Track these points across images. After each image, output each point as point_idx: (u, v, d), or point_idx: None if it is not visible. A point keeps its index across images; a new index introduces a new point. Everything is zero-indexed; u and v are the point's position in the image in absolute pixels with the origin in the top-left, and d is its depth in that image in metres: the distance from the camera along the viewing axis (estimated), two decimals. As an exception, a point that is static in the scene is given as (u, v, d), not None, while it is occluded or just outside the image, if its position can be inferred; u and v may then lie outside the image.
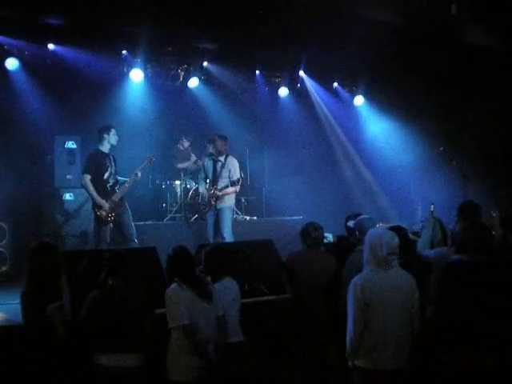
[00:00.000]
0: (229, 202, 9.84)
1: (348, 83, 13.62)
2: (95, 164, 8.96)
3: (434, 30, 10.47)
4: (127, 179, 9.25)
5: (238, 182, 9.72)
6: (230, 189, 9.76)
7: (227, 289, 5.56)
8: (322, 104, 13.72)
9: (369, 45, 10.44)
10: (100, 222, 8.92)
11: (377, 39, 10.15)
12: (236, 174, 9.82)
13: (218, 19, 9.84)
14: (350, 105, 13.82)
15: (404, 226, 6.30)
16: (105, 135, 9.02)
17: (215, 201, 9.70)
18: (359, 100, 13.70)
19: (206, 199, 9.82)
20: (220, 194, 9.69)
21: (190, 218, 10.91)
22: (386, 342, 4.62)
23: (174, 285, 5.16)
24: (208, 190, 9.82)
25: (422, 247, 6.25)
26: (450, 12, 8.73)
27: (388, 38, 10.28)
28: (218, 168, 9.84)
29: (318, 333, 6.04)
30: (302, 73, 13.13)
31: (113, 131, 9.07)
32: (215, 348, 5.15)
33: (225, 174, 9.80)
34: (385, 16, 9.93)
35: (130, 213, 9.20)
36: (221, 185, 9.76)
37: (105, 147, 9.07)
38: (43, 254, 5.31)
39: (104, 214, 8.87)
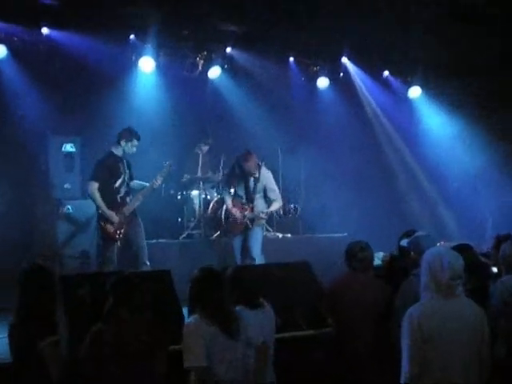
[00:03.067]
0: (261, 219, 9.87)
1: (401, 72, 13.58)
2: (107, 170, 9.05)
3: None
4: (146, 184, 9.29)
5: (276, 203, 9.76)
6: (273, 208, 9.80)
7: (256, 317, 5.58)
8: (370, 97, 13.71)
9: (429, 25, 10.38)
10: (107, 239, 9.00)
11: (439, 18, 10.10)
12: (272, 190, 9.81)
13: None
14: (404, 97, 13.78)
15: (471, 244, 6.25)
16: (122, 142, 9.12)
17: (252, 223, 9.70)
18: (415, 91, 13.66)
19: (238, 221, 9.78)
20: (263, 216, 9.70)
21: (211, 236, 10.94)
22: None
23: (193, 317, 5.18)
24: (240, 209, 9.79)
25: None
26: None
27: (452, 18, 10.23)
28: (251, 184, 9.83)
29: (367, 375, 6.00)
30: (345, 59, 13.14)
31: (134, 142, 9.20)
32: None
33: (258, 189, 9.80)
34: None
35: (142, 229, 9.27)
36: (257, 203, 9.75)
37: (119, 151, 9.16)
38: (36, 278, 5.34)
39: (112, 229, 8.95)
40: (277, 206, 9.85)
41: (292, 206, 9.50)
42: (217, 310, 5.15)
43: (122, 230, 9.00)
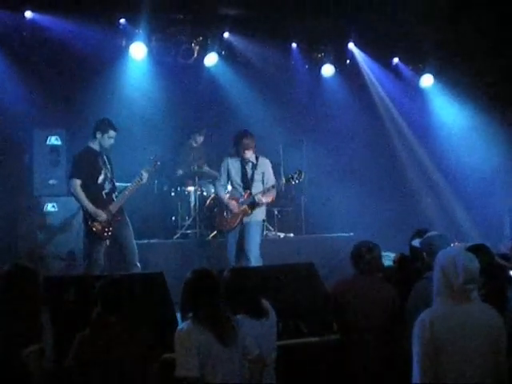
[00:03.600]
0: (259, 215, 9.76)
1: (413, 58, 13.57)
2: (86, 165, 9.03)
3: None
4: (128, 185, 9.30)
5: (273, 188, 9.68)
6: (270, 196, 9.72)
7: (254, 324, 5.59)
8: (379, 86, 13.71)
9: (443, 8, 10.36)
10: (93, 238, 8.99)
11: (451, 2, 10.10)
12: (271, 178, 9.76)
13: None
14: (416, 87, 13.78)
15: (487, 245, 6.25)
16: (97, 134, 9.07)
17: (251, 208, 9.65)
18: (427, 80, 13.66)
19: (236, 210, 9.66)
20: (263, 198, 9.59)
21: (208, 235, 10.94)
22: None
23: (186, 323, 5.18)
24: (235, 199, 9.71)
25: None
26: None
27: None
28: (249, 170, 9.79)
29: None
30: (351, 45, 13.14)
31: (110, 133, 9.06)
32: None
33: (257, 177, 9.76)
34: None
35: (131, 228, 9.25)
36: (254, 191, 9.66)
37: (95, 145, 9.13)
38: (19, 280, 5.34)
39: (99, 227, 8.93)
40: (273, 193, 9.73)
41: (294, 171, 9.42)
42: (211, 315, 5.14)
43: (111, 229, 8.98)
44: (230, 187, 9.85)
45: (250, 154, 9.67)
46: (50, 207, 10.42)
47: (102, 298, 5.29)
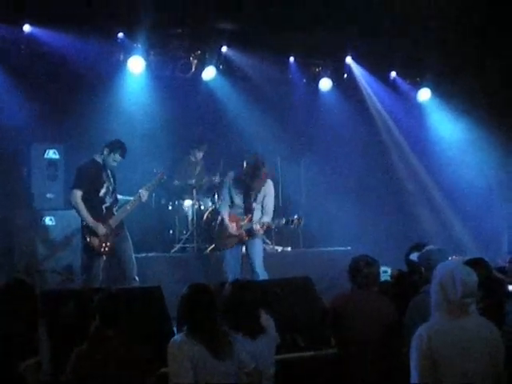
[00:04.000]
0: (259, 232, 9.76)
1: (410, 72, 13.60)
2: (89, 177, 9.01)
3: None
4: (130, 199, 9.29)
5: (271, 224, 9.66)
6: (265, 219, 9.56)
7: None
8: (376, 100, 13.73)
9: (439, 21, 10.38)
10: (91, 252, 8.97)
11: (450, 13, 10.08)
12: (270, 201, 9.62)
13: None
14: (413, 101, 13.79)
15: (485, 259, 6.25)
16: (105, 150, 9.04)
17: (248, 236, 9.58)
18: (425, 94, 13.68)
19: (235, 232, 9.53)
20: (261, 229, 9.47)
21: (206, 249, 10.93)
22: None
23: (179, 335, 5.21)
24: (237, 222, 9.60)
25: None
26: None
27: (466, 12, 10.20)
28: (253, 192, 9.58)
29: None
30: (349, 59, 13.17)
31: (116, 157, 9.05)
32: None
33: (259, 199, 9.62)
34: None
35: (130, 243, 9.24)
36: (256, 214, 9.56)
37: (100, 159, 9.11)
38: (15, 294, 5.33)
39: (97, 241, 8.92)
40: (268, 218, 9.66)
41: (296, 216, 9.40)
42: (206, 329, 5.17)
43: (108, 244, 8.97)
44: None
45: (259, 188, 9.56)
46: (47, 221, 10.40)
47: (99, 311, 5.29)
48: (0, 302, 5.31)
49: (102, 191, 9.04)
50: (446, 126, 13.80)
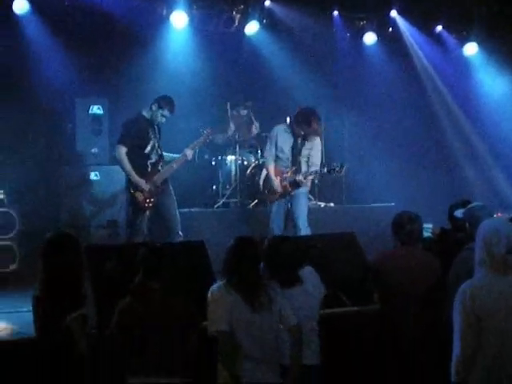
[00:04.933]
0: (306, 185, 9.79)
1: (457, 26, 13.40)
2: (135, 133, 9.01)
3: None
4: (175, 156, 9.30)
5: (316, 174, 9.69)
6: (310, 178, 9.71)
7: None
8: (422, 54, 13.58)
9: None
10: (136, 207, 9.02)
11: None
12: (316, 157, 9.69)
13: None
14: (459, 55, 13.60)
15: (531, 216, 6.21)
16: (153, 106, 9.02)
17: (292, 187, 9.62)
18: (471, 48, 13.48)
19: (280, 185, 9.61)
20: (304, 180, 9.53)
21: (249, 204, 10.97)
22: (505, 368, 4.56)
23: (217, 284, 5.34)
24: (281, 176, 9.70)
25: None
26: None
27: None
28: (299, 145, 9.66)
29: (416, 355, 6.00)
30: (394, 13, 13.01)
31: (165, 112, 9.02)
32: (281, 372, 5.21)
33: (304, 153, 9.65)
34: None
35: (174, 199, 9.28)
36: (302, 167, 9.61)
37: (148, 114, 9.11)
38: (61, 248, 5.39)
39: (142, 197, 8.94)
40: (314, 169, 9.69)
41: (338, 164, 9.38)
42: (243, 279, 5.25)
43: (153, 200, 9.00)
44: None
45: (311, 134, 9.61)
46: (92, 176, 10.50)
47: (143, 265, 5.34)
48: (46, 257, 5.36)
49: (148, 148, 9.04)
50: (492, 81, 13.60)
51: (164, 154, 9.34)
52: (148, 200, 8.99)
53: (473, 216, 5.93)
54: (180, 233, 9.14)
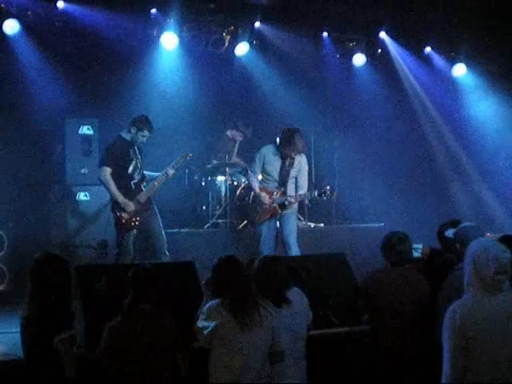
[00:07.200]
0: (294, 205, 9.82)
1: (445, 47, 13.46)
2: (117, 155, 9.09)
3: None
4: (157, 175, 9.34)
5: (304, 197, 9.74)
6: (301, 192, 9.71)
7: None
8: (410, 75, 13.61)
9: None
10: (122, 228, 9.05)
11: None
12: (304, 177, 9.77)
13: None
14: (448, 76, 13.65)
15: (520, 235, 6.20)
16: (132, 129, 9.10)
17: (281, 208, 9.64)
18: (460, 69, 13.53)
19: (267, 206, 9.67)
20: (293, 201, 9.60)
21: (238, 225, 10.96)
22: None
23: (212, 302, 5.34)
24: (269, 194, 9.71)
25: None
26: None
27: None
28: (287, 166, 9.73)
29: (405, 377, 5.99)
30: (383, 34, 13.05)
31: (144, 133, 9.11)
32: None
33: (293, 174, 9.73)
34: None
35: (159, 218, 9.31)
36: (289, 188, 9.69)
37: (127, 136, 9.16)
38: (50, 269, 5.36)
39: (126, 216, 8.99)
40: (303, 191, 9.73)
41: (328, 187, 9.40)
42: (234, 299, 5.26)
43: (138, 218, 9.05)
44: (260, 177, 9.85)
45: (293, 155, 9.67)
46: (82, 196, 10.50)
47: (133, 286, 5.33)
48: (34, 277, 5.34)
49: (131, 168, 9.13)
50: (481, 102, 13.65)
51: (146, 173, 9.38)
52: (134, 219, 9.05)
53: (464, 236, 5.92)
54: (167, 252, 9.17)
